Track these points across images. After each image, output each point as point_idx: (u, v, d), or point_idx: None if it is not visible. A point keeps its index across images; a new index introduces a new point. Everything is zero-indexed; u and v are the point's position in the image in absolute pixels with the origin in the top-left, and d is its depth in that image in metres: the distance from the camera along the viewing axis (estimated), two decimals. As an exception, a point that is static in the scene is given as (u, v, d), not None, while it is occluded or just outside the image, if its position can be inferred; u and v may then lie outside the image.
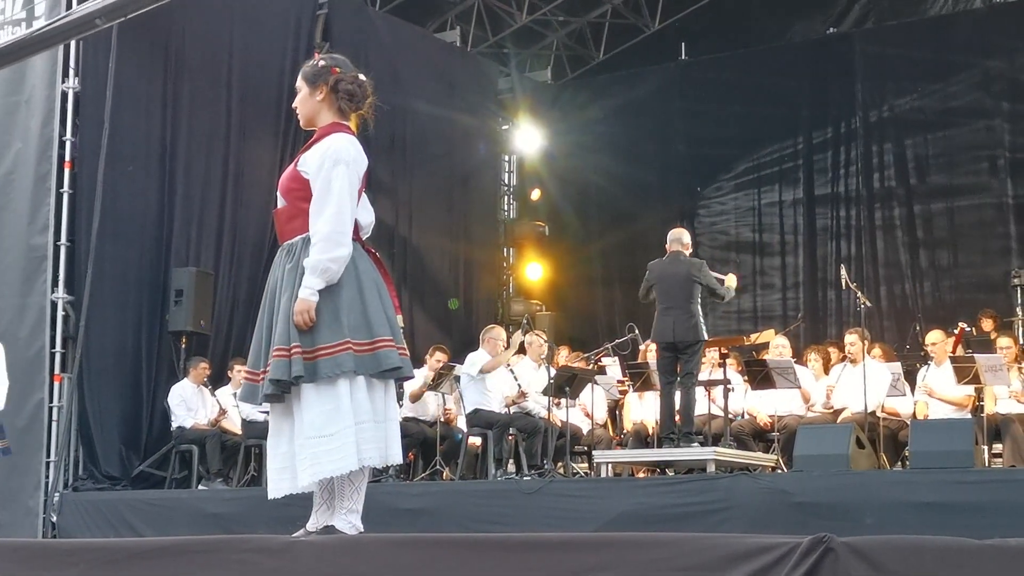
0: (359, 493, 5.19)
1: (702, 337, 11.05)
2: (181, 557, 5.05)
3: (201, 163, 14.50)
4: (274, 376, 5.10)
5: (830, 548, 3.65)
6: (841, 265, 13.85)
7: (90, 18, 5.39)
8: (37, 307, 12.91)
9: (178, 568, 4.99)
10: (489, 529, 9.21)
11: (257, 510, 10.72)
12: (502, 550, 4.37)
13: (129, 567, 5.15)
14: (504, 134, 19.64)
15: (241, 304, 14.53)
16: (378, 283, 5.28)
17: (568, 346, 15.01)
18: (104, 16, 5.40)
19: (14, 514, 12.55)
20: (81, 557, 5.37)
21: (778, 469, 11.10)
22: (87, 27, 5.43)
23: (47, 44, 5.77)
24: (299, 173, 5.27)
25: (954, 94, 16.53)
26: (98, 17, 5.40)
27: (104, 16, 5.40)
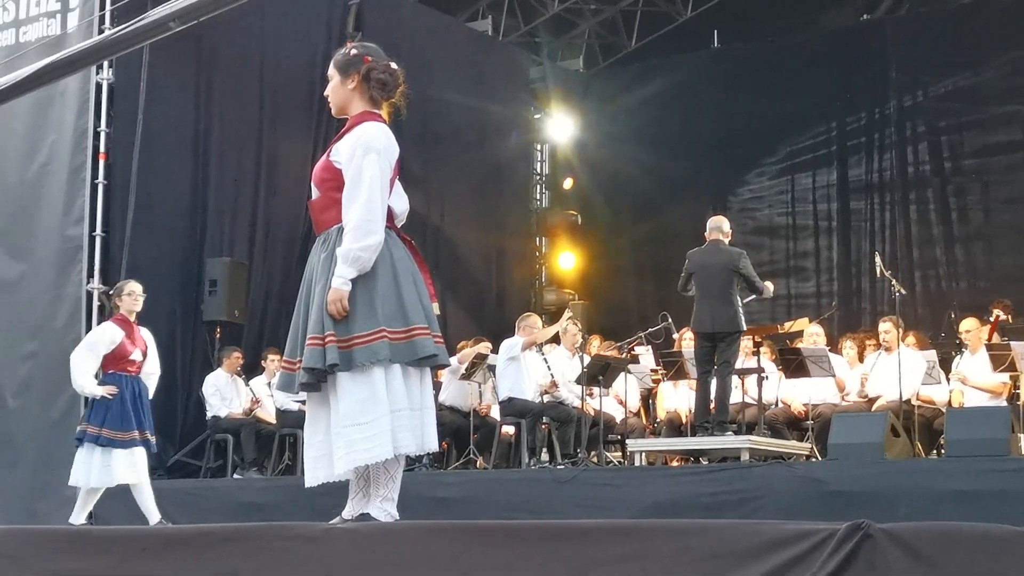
0: (394, 481, 5.20)
1: (740, 327, 10.99)
2: (217, 545, 5.07)
3: (234, 154, 14.54)
4: (308, 364, 5.11)
5: (868, 534, 3.64)
6: (875, 253, 13.77)
7: (164, 21, 5.42)
8: (72, 298, 12.97)
9: (214, 556, 5.01)
10: (522, 518, 9.21)
11: (292, 499, 10.77)
12: (536, 538, 4.37)
13: (165, 555, 5.17)
14: (536, 123, 19.61)
15: (275, 294, 14.58)
16: (413, 271, 5.28)
17: (600, 335, 14.98)
18: (179, 19, 5.42)
19: (51, 504, 12.61)
20: (118, 545, 5.40)
21: (812, 458, 11.07)
22: (161, 30, 5.46)
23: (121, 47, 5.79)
24: (332, 163, 5.28)
25: (988, 80, 16.41)
26: (172, 20, 5.42)
27: (179, 19, 5.42)
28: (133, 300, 9.64)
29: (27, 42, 13.42)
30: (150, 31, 5.51)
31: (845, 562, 3.64)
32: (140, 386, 9.59)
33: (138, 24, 5.52)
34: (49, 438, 12.84)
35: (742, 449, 10.51)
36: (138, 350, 9.57)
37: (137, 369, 9.59)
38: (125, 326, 9.59)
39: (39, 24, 13.37)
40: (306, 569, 4.72)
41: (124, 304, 9.66)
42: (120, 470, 9.44)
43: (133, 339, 9.58)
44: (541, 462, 12.31)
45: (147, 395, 9.63)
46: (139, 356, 9.58)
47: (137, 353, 9.57)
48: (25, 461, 12.93)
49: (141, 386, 9.60)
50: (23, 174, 13.32)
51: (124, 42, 5.68)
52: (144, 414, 9.49)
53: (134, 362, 9.57)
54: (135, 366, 9.58)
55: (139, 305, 9.64)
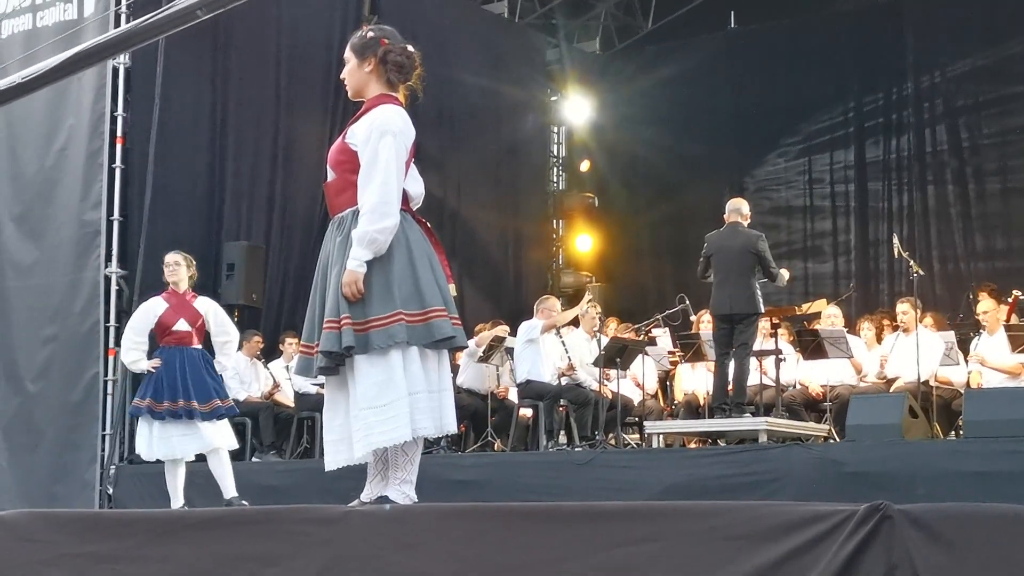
0: (412, 464, 5.21)
1: (759, 309, 10.98)
2: (236, 527, 5.09)
3: (251, 137, 14.56)
4: (325, 348, 5.12)
5: (887, 516, 3.64)
6: (893, 234, 13.75)
7: (191, 9, 5.42)
8: (91, 282, 13.01)
9: (233, 538, 5.03)
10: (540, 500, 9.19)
11: (310, 482, 10.79)
12: (554, 520, 4.37)
13: (184, 537, 5.20)
14: (552, 105, 19.58)
15: (292, 277, 14.60)
16: (429, 253, 5.28)
17: (617, 317, 14.98)
18: (205, 7, 5.43)
19: (71, 487, 12.69)
20: (138, 528, 5.43)
21: (830, 439, 11.05)
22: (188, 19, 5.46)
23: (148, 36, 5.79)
24: (347, 145, 5.28)
25: (1007, 59, 16.32)
26: (199, 8, 5.42)
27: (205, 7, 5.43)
28: (170, 271, 9.54)
29: (44, 27, 13.44)
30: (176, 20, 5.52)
31: (864, 543, 3.64)
32: (189, 356, 9.37)
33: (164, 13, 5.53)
34: (68, 422, 12.91)
35: (760, 431, 10.50)
36: (183, 320, 9.40)
37: (184, 340, 9.39)
38: (171, 298, 9.48)
39: (56, 9, 13.38)
40: (325, 551, 4.73)
41: (166, 276, 9.60)
42: (177, 442, 9.33)
43: (179, 310, 9.42)
44: (559, 445, 12.32)
45: (200, 365, 9.38)
46: (185, 327, 9.39)
47: (182, 324, 9.39)
48: (45, 445, 12.99)
49: (192, 356, 9.38)
50: (42, 159, 13.35)
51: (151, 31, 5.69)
52: (190, 384, 9.26)
53: (178, 333, 9.39)
54: (181, 337, 9.40)
55: (176, 275, 9.47)
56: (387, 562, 4.57)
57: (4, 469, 13.12)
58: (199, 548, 5.09)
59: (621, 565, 4.08)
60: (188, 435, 9.31)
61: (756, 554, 3.80)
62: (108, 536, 5.46)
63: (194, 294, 9.59)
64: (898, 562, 3.61)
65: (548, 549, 4.26)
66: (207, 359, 9.46)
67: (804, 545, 3.74)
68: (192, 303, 9.49)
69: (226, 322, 9.65)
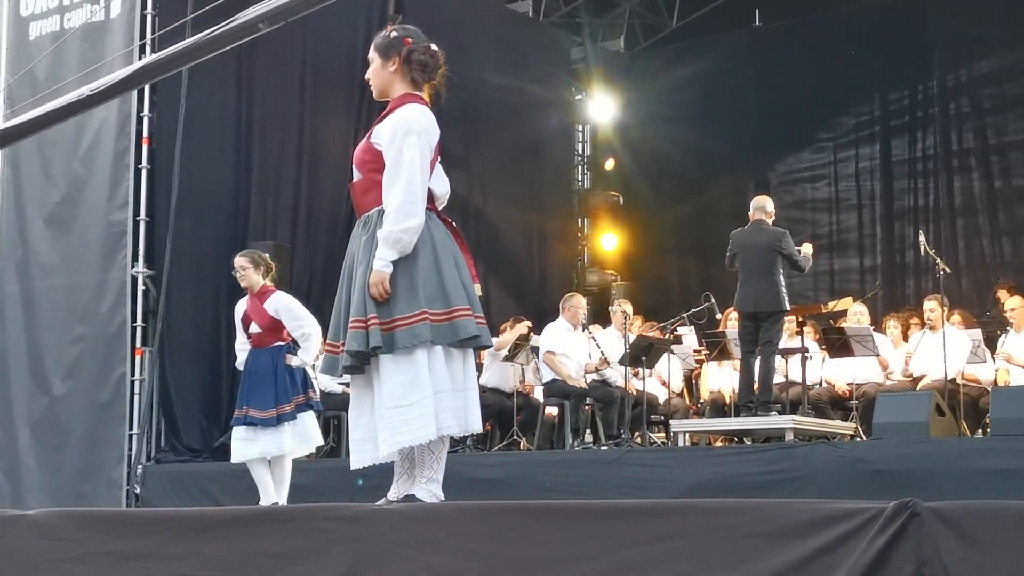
0: (439, 462, 5.22)
1: (784, 307, 10.95)
2: (262, 526, 5.11)
3: (276, 137, 14.59)
4: (351, 348, 5.13)
5: (915, 513, 3.62)
6: (920, 232, 13.69)
7: (254, 22, 5.45)
8: (118, 282, 13.06)
9: (260, 536, 5.05)
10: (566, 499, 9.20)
11: (336, 480, 10.81)
12: (580, 518, 4.37)
13: (211, 536, 5.21)
14: (577, 104, 19.57)
15: (318, 277, 14.62)
16: (454, 253, 5.28)
17: (642, 316, 14.97)
18: (268, 20, 5.46)
19: (98, 486, 12.74)
20: (165, 526, 5.45)
21: (857, 437, 11.02)
22: (250, 31, 5.49)
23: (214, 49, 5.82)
24: (372, 145, 5.29)
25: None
26: (262, 21, 5.45)
27: (268, 20, 5.46)
28: (238, 276, 9.41)
29: (71, 28, 13.49)
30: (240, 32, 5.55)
31: (893, 540, 3.63)
32: (259, 360, 9.27)
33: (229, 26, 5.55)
34: (95, 421, 12.96)
35: (786, 429, 10.47)
36: (254, 323, 9.29)
37: (260, 341, 9.29)
38: (250, 300, 9.38)
39: (83, 10, 13.44)
40: (352, 549, 4.75)
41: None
42: (239, 445, 9.26)
43: (252, 312, 9.32)
44: (585, 443, 12.31)
45: (267, 369, 9.24)
46: (257, 329, 9.28)
47: (254, 327, 9.29)
48: (72, 444, 13.04)
49: (261, 360, 9.27)
50: (69, 160, 13.41)
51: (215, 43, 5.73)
52: (247, 391, 9.20)
53: (253, 335, 9.31)
54: (257, 339, 9.29)
55: (245, 279, 9.32)
56: (413, 560, 4.57)
57: (32, 468, 13.18)
58: (226, 546, 5.11)
59: (646, 563, 4.09)
60: (249, 439, 9.20)
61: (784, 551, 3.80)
62: (136, 534, 5.48)
63: (270, 291, 9.38)
64: (927, 559, 3.60)
65: (573, 546, 4.27)
66: (277, 359, 9.28)
67: (832, 542, 3.73)
68: (263, 303, 9.32)
69: (300, 315, 9.38)
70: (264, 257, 9.54)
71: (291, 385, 9.25)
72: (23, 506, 11.90)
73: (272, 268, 9.54)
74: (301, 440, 9.35)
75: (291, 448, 9.30)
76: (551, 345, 12.36)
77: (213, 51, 5.75)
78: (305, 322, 9.37)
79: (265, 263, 9.46)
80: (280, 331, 9.34)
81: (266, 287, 9.38)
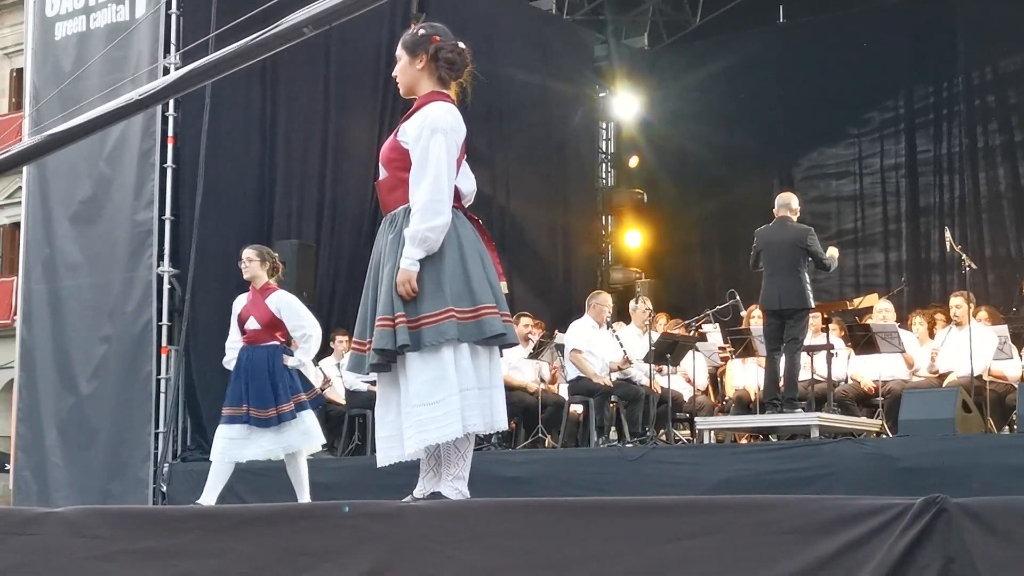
0: (465, 460, 5.22)
1: (809, 304, 10.94)
2: (290, 523, 5.12)
3: (301, 136, 14.63)
4: (378, 346, 5.13)
5: (943, 509, 3.61)
6: (945, 228, 13.65)
7: (298, 27, 5.47)
8: (144, 281, 13.12)
9: (287, 534, 5.06)
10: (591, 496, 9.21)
11: (362, 478, 10.83)
12: (606, 514, 4.37)
13: (239, 533, 5.23)
14: (601, 101, 19.58)
15: (343, 275, 14.66)
16: (480, 250, 5.29)
17: (666, 313, 14.96)
18: (312, 24, 5.48)
19: (125, 485, 12.80)
20: (194, 523, 5.47)
21: (883, 434, 10.99)
22: (295, 36, 5.52)
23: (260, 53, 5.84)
24: (399, 143, 5.30)
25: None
26: (306, 26, 5.48)
27: (312, 24, 5.48)
28: (243, 268, 9.32)
29: (96, 29, 13.56)
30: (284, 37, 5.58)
31: (920, 536, 3.61)
32: (255, 357, 9.11)
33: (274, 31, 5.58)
34: (122, 420, 13.02)
35: (812, 426, 10.46)
36: (253, 318, 9.15)
37: (255, 338, 9.13)
38: (250, 295, 9.27)
39: (108, 10, 13.50)
40: (378, 547, 4.75)
41: (243, 273, 9.37)
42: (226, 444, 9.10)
43: (252, 307, 9.19)
44: (610, 441, 12.31)
45: (263, 366, 9.07)
46: (255, 324, 9.14)
47: (252, 321, 9.15)
48: (99, 442, 13.11)
49: (257, 357, 9.11)
50: (95, 160, 13.47)
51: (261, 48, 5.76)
52: (245, 389, 9.02)
53: (250, 331, 9.15)
54: (253, 336, 9.14)
55: (249, 271, 9.23)
56: (440, 557, 4.58)
57: (59, 467, 13.26)
58: (254, 543, 5.13)
59: (674, 559, 4.08)
60: (242, 440, 9.07)
61: (811, 548, 3.79)
62: (165, 532, 5.51)
63: (273, 288, 9.29)
64: (955, 555, 3.58)
65: (600, 544, 4.26)
66: (274, 358, 9.15)
67: (860, 538, 3.72)
68: (265, 299, 9.20)
69: (303, 315, 9.29)
70: (273, 255, 9.48)
71: (290, 384, 9.13)
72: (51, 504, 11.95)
73: (279, 269, 9.48)
74: (306, 438, 9.24)
75: (299, 444, 9.21)
76: (576, 343, 12.37)
77: (259, 55, 5.79)
78: (307, 323, 9.30)
79: (272, 261, 9.39)
80: (277, 330, 9.21)
81: (269, 284, 9.28)
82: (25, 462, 13.51)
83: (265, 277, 9.28)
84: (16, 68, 25.27)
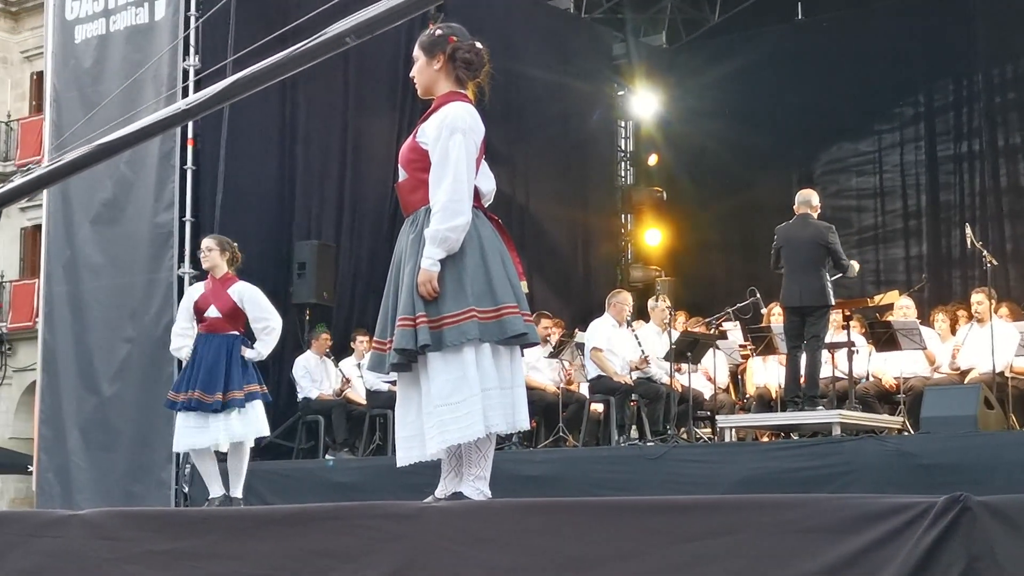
0: (486, 460, 5.22)
1: (829, 301, 10.90)
2: (311, 524, 5.13)
3: (320, 137, 14.65)
4: (399, 346, 5.14)
5: (967, 507, 3.59)
6: (966, 224, 13.61)
7: (340, 37, 5.50)
8: (165, 283, 13.12)
9: (309, 535, 5.07)
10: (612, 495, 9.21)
11: (383, 478, 10.86)
12: (629, 514, 4.37)
13: (261, 534, 5.24)
14: (620, 100, 19.57)
15: (363, 275, 14.69)
16: (501, 250, 5.29)
17: (686, 311, 14.95)
18: (355, 33, 5.51)
19: (147, 486, 12.82)
20: (216, 525, 5.48)
21: (904, 431, 10.96)
22: (337, 45, 5.55)
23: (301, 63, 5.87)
24: (418, 144, 5.31)
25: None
26: (348, 36, 5.51)
27: (355, 33, 5.51)
28: (203, 257, 9.41)
29: (116, 31, 13.59)
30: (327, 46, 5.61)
31: (944, 535, 3.60)
32: (213, 345, 9.14)
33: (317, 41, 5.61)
34: (144, 421, 13.04)
35: (833, 424, 10.44)
36: (214, 307, 9.16)
37: (214, 327, 9.16)
38: (209, 283, 9.32)
39: (127, 13, 13.53)
40: (400, 547, 4.76)
41: (202, 262, 9.47)
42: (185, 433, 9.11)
43: (212, 296, 9.21)
44: (631, 439, 12.30)
45: (220, 354, 9.10)
46: (215, 313, 9.15)
47: (213, 310, 9.16)
48: (121, 444, 13.13)
49: (215, 345, 9.14)
50: (115, 162, 13.46)
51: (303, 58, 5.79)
52: (200, 375, 9.01)
53: (209, 320, 9.17)
54: (211, 324, 9.16)
55: (209, 261, 9.31)
56: (462, 557, 4.58)
57: (82, 468, 13.29)
58: (276, 545, 5.14)
59: (695, 559, 4.08)
60: (200, 427, 9.08)
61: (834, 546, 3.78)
62: (187, 533, 5.52)
63: (234, 279, 9.32)
64: (980, 554, 3.57)
65: (622, 543, 4.26)
66: (233, 347, 9.17)
67: (883, 537, 3.71)
68: (227, 289, 9.24)
69: (265, 308, 9.37)
70: (233, 245, 9.49)
71: (243, 374, 9.14)
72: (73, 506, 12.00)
73: (238, 259, 9.48)
74: (248, 426, 9.23)
75: (242, 433, 9.19)
76: (597, 342, 12.36)
77: (302, 65, 5.84)
78: (270, 316, 9.36)
79: (232, 251, 9.42)
80: (237, 320, 9.25)
81: (229, 274, 9.32)
82: (48, 464, 13.54)
83: (225, 267, 9.33)
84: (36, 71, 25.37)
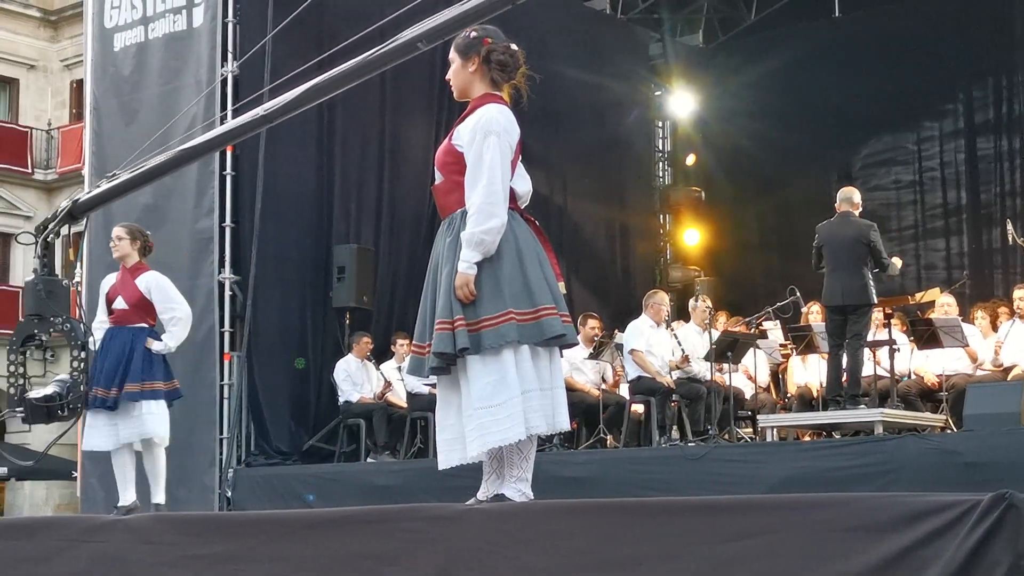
0: (528, 461, 5.22)
1: (871, 300, 10.83)
2: (354, 527, 5.15)
3: (357, 141, 14.69)
4: (438, 349, 5.14)
5: (1012, 505, 3.57)
6: (1007, 220, 13.52)
7: (412, 42, 5.57)
8: (205, 288, 13.20)
9: (351, 538, 5.09)
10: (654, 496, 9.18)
11: (424, 481, 10.86)
12: (670, 514, 4.37)
13: (303, 537, 5.26)
14: (656, 100, 19.54)
15: (402, 279, 14.71)
16: (538, 251, 5.28)
17: (726, 311, 14.90)
18: (426, 39, 5.57)
19: (191, 491, 12.88)
20: (258, 528, 5.51)
21: (947, 429, 10.89)
22: (409, 50, 5.62)
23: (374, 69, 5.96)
24: (454, 147, 5.31)
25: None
26: (420, 41, 5.57)
27: (426, 39, 5.57)
28: (112, 247, 8.88)
29: (155, 39, 13.67)
30: (399, 52, 5.67)
31: (989, 533, 3.58)
32: (116, 337, 8.60)
33: (390, 46, 5.66)
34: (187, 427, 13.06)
35: (875, 422, 10.39)
36: (121, 298, 8.67)
37: (122, 319, 8.65)
38: (120, 274, 8.83)
39: (165, 20, 13.61)
40: (443, 549, 4.77)
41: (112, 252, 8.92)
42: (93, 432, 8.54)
43: (121, 287, 8.72)
44: (671, 440, 12.27)
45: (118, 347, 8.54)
46: (122, 304, 8.65)
47: (119, 301, 8.66)
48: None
49: (117, 337, 8.60)
50: (155, 169, 13.57)
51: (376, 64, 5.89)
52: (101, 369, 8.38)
53: (116, 312, 8.69)
54: (119, 316, 8.67)
55: (118, 251, 8.81)
56: (505, 559, 4.59)
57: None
58: (318, 548, 5.16)
59: (737, 558, 4.07)
60: (108, 425, 8.54)
61: (877, 545, 3.76)
62: (229, 537, 5.55)
63: (144, 268, 8.84)
64: (1025, 551, 3.56)
65: (663, 543, 4.26)
66: (136, 339, 8.62)
67: (927, 536, 3.69)
68: (135, 279, 8.73)
69: (173, 297, 8.85)
70: (145, 234, 9.02)
71: (144, 368, 8.57)
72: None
73: (151, 248, 9.03)
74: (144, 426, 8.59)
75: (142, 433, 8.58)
76: (636, 343, 12.34)
77: (377, 69, 5.95)
78: (177, 305, 8.86)
79: (144, 240, 8.94)
80: (146, 312, 8.74)
81: (140, 264, 8.84)
82: (91, 469, 13.61)
83: (136, 256, 8.84)
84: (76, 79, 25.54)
